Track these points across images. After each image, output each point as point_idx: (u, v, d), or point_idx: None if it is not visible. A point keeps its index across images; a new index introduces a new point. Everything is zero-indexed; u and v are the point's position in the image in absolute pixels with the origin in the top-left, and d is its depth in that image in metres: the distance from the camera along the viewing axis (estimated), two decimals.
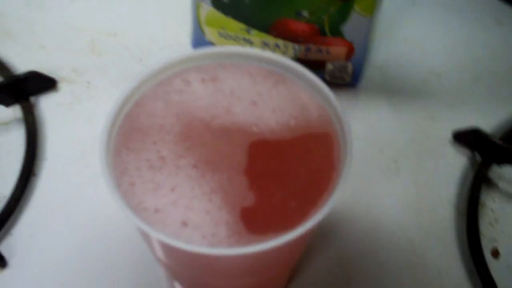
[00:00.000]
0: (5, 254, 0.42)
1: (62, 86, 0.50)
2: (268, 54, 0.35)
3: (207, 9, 0.47)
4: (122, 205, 0.29)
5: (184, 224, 0.30)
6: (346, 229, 0.45)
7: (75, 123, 0.49)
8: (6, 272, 0.42)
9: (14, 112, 0.48)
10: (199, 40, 0.50)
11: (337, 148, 0.33)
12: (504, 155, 0.48)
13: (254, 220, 0.31)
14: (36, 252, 0.43)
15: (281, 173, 0.32)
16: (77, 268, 0.42)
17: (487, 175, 0.49)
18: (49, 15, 0.55)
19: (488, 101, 0.53)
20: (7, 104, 0.48)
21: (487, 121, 0.51)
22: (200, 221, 0.30)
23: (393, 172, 0.48)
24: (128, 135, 0.33)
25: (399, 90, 0.53)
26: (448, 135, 0.50)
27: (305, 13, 0.45)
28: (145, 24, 0.55)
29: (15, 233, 0.43)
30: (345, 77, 0.50)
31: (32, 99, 0.49)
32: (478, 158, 0.49)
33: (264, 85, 0.35)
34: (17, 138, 0.47)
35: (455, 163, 0.49)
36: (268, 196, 0.31)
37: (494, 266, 0.45)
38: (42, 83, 0.49)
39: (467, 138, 0.50)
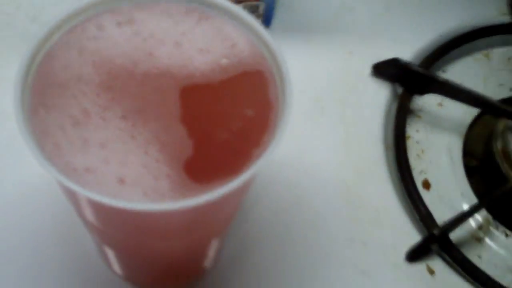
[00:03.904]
0: None
1: None
2: None
3: None
4: (47, 166, 0.26)
5: (121, 181, 0.27)
6: (278, 176, 0.43)
7: None
8: None
9: None
10: None
11: (272, 86, 0.31)
12: (424, 83, 0.47)
13: (197, 170, 0.28)
14: None
15: (219, 117, 0.30)
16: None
17: (409, 106, 0.48)
18: None
19: (403, 30, 0.52)
20: None
21: (404, 51, 0.50)
22: (138, 176, 0.27)
23: (318, 112, 0.47)
24: (44, 91, 0.29)
25: (313, 28, 0.51)
26: (368, 69, 0.49)
27: None
28: None
29: None
30: (257, 18, 0.48)
31: None
32: (400, 89, 0.49)
33: (186, 24, 0.32)
34: None
35: (378, 97, 0.48)
36: (209, 142, 0.29)
37: (427, 198, 0.44)
38: None
39: (387, 70, 0.49)
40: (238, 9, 0.32)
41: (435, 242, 0.42)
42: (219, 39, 0.32)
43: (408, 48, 0.51)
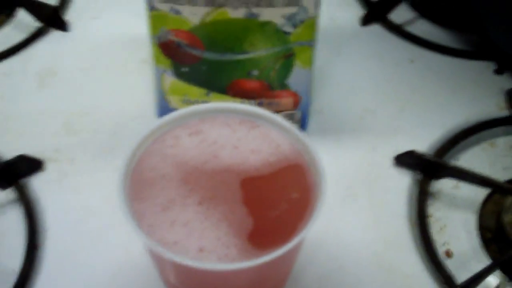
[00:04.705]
0: None
1: (48, 165, 0.56)
2: (240, 106, 0.43)
3: (170, 80, 0.54)
4: (148, 241, 0.35)
5: (201, 250, 0.36)
6: (321, 251, 0.51)
7: (66, 196, 0.54)
8: None
9: (7, 194, 0.54)
10: (164, 108, 0.56)
11: (309, 175, 0.40)
12: (437, 169, 0.56)
13: (258, 239, 0.37)
14: None
15: (271, 199, 0.39)
16: None
17: (428, 189, 0.57)
18: (22, 105, 0.61)
19: (417, 127, 0.61)
20: (2, 187, 0.53)
21: (420, 144, 0.59)
22: (213, 246, 0.37)
23: (350, 198, 0.55)
24: (138, 187, 0.39)
25: (341, 129, 0.61)
26: (390, 161, 0.58)
27: (255, 72, 0.53)
28: (113, 101, 0.61)
29: None
30: (295, 123, 0.58)
31: (23, 181, 0.54)
32: (419, 176, 0.58)
33: (241, 132, 0.42)
34: (15, 217, 0.52)
35: (400, 183, 0.57)
36: (265, 218, 0.38)
37: (450, 264, 0.52)
38: (31, 165, 0.55)
39: (405, 160, 0.58)
40: (280, 119, 0.42)
41: None
42: (267, 142, 0.42)
43: (423, 142, 0.60)
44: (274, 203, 0.39)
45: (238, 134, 0.42)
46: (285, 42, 0.52)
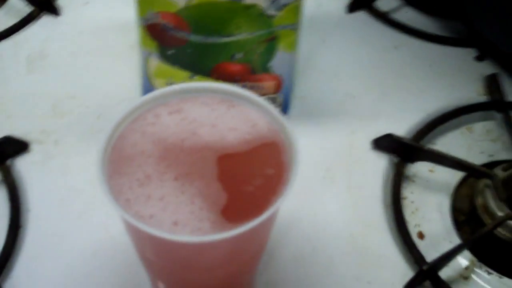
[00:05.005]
0: None
1: (34, 147, 0.57)
2: (220, 85, 0.44)
3: (155, 63, 0.55)
4: (124, 213, 0.37)
5: (175, 224, 0.38)
6: (297, 231, 0.53)
7: (50, 177, 0.56)
8: None
9: None
10: (149, 91, 0.57)
11: (284, 152, 0.41)
12: (413, 152, 0.58)
13: (231, 213, 0.38)
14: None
15: (245, 175, 0.40)
16: None
17: (404, 172, 0.58)
18: (11, 87, 0.63)
19: (397, 112, 0.63)
20: None
21: (399, 128, 0.61)
22: (187, 220, 0.38)
23: (328, 180, 0.57)
24: (117, 163, 0.40)
25: (323, 113, 0.62)
26: (368, 144, 0.60)
27: (238, 56, 0.54)
28: (99, 85, 0.63)
29: (14, 276, 0.50)
30: (277, 107, 0.59)
31: (8, 161, 0.56)
32: (395, 159, 0.59)
33: (219, 110, 0.43)
34: None
35: (377, 166, 0.59)
36: (239, 193, 0.39)
37: (422, 245, 0.54)
38: (16, 146, 0.56)
39: (383, 144, 0.59)
40: (258, 98, 0.43)
41: (427, 279, 0.51)
42: (244, 120, 0.43)
43: (402, 126, 0.61)
44: (248, 179, 0.40)
45: (217, 112, 0.43)
46: (269, 25, 0.53)
